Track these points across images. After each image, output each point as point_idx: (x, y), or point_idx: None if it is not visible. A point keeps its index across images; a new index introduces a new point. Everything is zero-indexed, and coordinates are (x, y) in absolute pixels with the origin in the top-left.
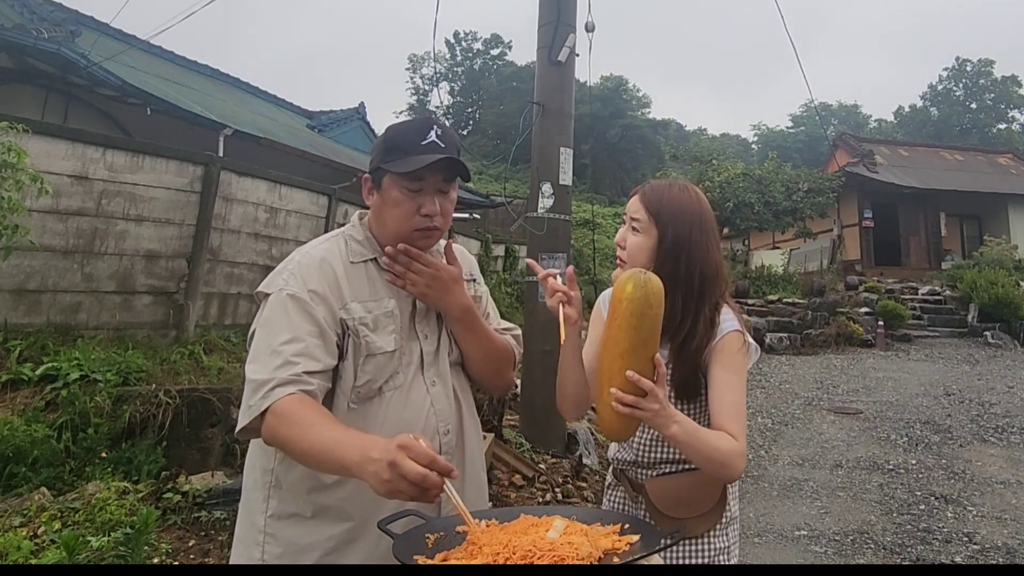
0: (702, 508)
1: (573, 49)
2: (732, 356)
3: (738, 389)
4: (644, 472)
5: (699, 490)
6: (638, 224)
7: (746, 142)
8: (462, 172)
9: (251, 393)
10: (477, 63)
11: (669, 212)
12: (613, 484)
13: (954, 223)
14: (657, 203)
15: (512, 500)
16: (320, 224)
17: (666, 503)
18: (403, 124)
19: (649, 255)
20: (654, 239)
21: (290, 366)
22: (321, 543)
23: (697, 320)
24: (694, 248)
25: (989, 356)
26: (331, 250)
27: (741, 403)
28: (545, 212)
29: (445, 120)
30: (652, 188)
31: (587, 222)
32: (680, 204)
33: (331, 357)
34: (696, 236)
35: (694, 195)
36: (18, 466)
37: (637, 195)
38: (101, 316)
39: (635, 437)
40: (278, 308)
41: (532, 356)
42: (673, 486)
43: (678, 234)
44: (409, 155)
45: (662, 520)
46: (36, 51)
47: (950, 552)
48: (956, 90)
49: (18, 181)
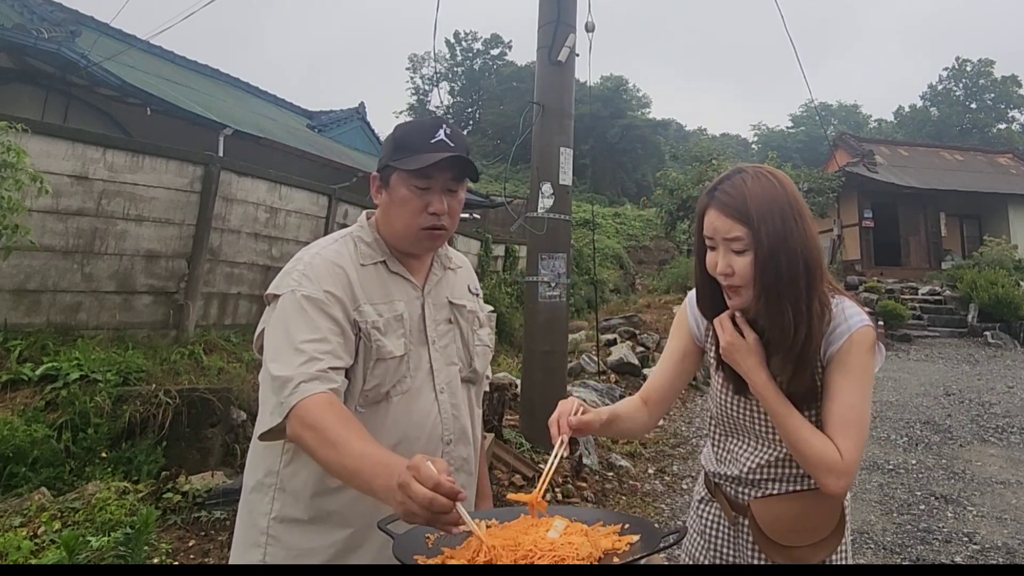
0: (818, 535)
1: (573, 49)
2: (859, 358)
3: (858, 394)
4: (748, 491)
5: (814, 514)
6: (740, 243)
7: (746, 142)
8: (471, 172)
9: (276, 391)
10: (477, 63)
11: (758, 213)
12: (706, 499)
13: (954, 223)
14: (743, 208)
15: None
16: (320, 224)
17: (776, 529)
18: (413, 123)
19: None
20: (754, 249)
21: (315, 362)
22: (323, 549)
23: (810, 319)
24: (793, 241)
25: (989, 356)
26: (341, 252)
27: (861, 413)
28: (545, 212)
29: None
30: (728, 194)
31: (587, 222)
32: (765, 197)
33: (351, 356)
34: (791, 226)
35: (774, 180)
36: (18, 466)
37: (715, 210)
38: (101, 316)
39: (745, 452)
40: (294, 309)
41: (532, 356)
42: (783, 509)
43: (772, 233)
44: (418, 153)
45: (770, 549)
46: (36, 51)
47: (950, 552)
48: (956, 90)
49: (18, 181)
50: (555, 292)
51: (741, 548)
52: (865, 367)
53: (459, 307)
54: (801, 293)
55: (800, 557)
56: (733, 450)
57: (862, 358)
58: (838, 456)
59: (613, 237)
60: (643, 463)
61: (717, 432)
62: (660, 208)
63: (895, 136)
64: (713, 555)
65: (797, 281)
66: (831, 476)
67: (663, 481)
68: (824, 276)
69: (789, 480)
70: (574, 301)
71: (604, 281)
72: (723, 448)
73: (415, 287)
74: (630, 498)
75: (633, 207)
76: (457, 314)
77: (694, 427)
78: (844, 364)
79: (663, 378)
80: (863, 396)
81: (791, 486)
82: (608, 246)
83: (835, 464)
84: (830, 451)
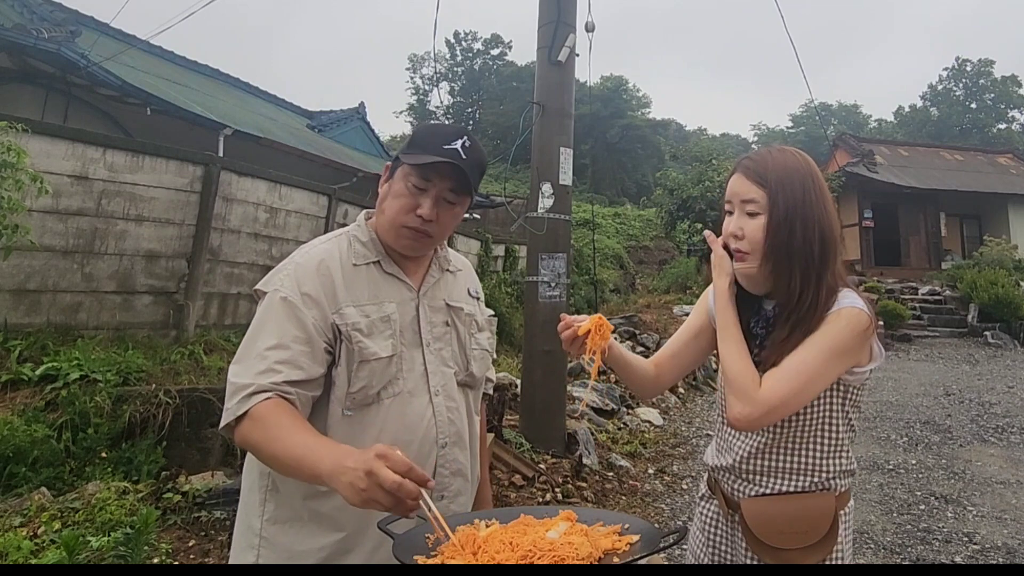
0: (808, 539)
1: (573, 49)
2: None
3: (813, 352)
4: (741, 486)
5: (805, 517)
6: (754, 205)
7: (746, 142)
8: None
9: (230, 396)
10: (477, 63)
11: (776, 177)
12: (707, 496)
13: (954, 223)
14: (763, 172)
15: (512, 500)
16: (320, 224)
17: (766, 530)
18: (435, 125)
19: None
20: (768, 212)
21: (272, 373)
22: (315, 551)
23: (820, 289)
24: (809, 210)
25: (989, 356)
26: (331, 251)
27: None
28: (545, 212)
29: (445, 120)
30: (752, 160)
31: (587, 222)
32: (787, 165)
33: (318, 365)
34: (810, 197)
35: (798, 155)
36: (18, 466)
37: (738, 173)
38: (101, 316)
39: (737, 441)
40: (270, 310)
41: (532, 356)
42: (774, 511)
43: (791, 198)
44: (427, 153)
45: (759, 548)
46: (36, 51)
47: (950, 552)
48: (956, 90)
49: (18, 181)
50: (555, 292)
51: (737, 546)
52: (838, 336)
53: (456, 310)
54: (814, 261)
55: (789, 559)
56: (728, 438)
57: (839, 328)
58: (756, 384)
59: (613, 237)
60: (643, 463)
61: (719, 420)
62: (660, 208)
63: (895, 136)
64: (712, 551)
65: (811, 249)
66: (740, 403)
67: (663, 481)
68: (838, 258)
69: (780, 474)
70: (574, 301)
71: (604, 281)
72: (722, 437)
73: (410, 288)
74: (630, 498)
75: (633, 207)
76: (454, 317)
77: (694, 427)
78: (819, 330)
79: (673, 347)
80: (818, 357)
81: (782, 482)
82: (608, 246)
83: (749, 392)
84: (751, 380)
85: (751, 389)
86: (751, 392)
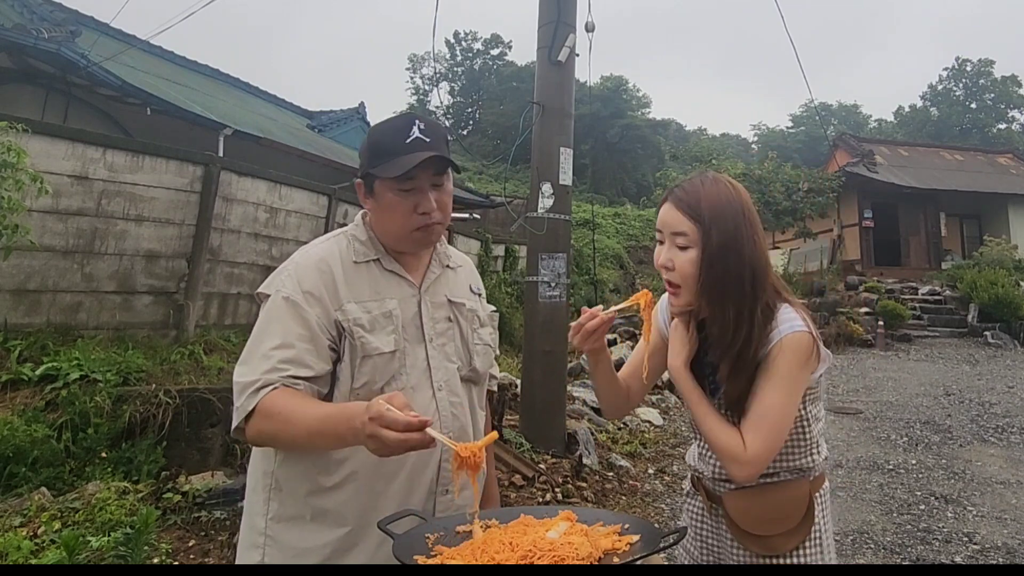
0: (788, 524)
1: (573, 49)
2: (784, 361)
3: (777, 394)
4: (723, 484)
5: (783, 505)
6: (685, 239)
7: (746, 142)
8: (446, 163)
9: (238, 395)
10: (477, 63)
11: (709, 212)
12: (691, 492)
13: (954, 223)
14: (696, 206)
15: (512, 500)
16: (320, 224)
17: (747, 519)
18: (385, 124)
19: (697, 266)
20: (700, 247)
21: (277, 371)
22: (320, 548)
23: (752, 323)
24: (741, 245)
25: (989, 356)
26: (331, 250)
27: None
28: (545, 212)
29: (445, 120)
30: (684, 191)
31: (587, 222)
32: (719, 199)
33: (323, 362)
34: (742, 232)
35: (731, 186)
36: (18, 466)
37: (669, 203)
38: (101, 316)
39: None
40: (273, 311)
41: (532, 356)
42: (754, 502)
43: (723, 233)
44: (396, 156)
45: (744, 537)
46: (36, 51)
47: (950, 552)
48: (956, 90)
49: (18, 181)
50: (555, 292)
51: (723, 537)
52: (790, 370)
53: (458, 305)
54: (746, 296)
55: (773, 545)
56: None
57: (787, 361)
58: (742, 447)
59: (613, 237)
60: (643, 463)
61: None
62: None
63: (895, 136)
64: (700, 545)
65: (743, 283)
66: (734, 465)
67: (663, 481)
68: (771, 285)
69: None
70: (574, 301)
71: (604, 281)
72: (701, 443)
73: (411, 285)
74: (630, 498)
75: (633, 207)
76: (456, 312)
77: None
78: (769, 367)
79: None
80: (783, 397)
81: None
82: (608, 246)
83: (738, 454)
84: (735, 441)
85: (740, 454)
86: (741, 456)
